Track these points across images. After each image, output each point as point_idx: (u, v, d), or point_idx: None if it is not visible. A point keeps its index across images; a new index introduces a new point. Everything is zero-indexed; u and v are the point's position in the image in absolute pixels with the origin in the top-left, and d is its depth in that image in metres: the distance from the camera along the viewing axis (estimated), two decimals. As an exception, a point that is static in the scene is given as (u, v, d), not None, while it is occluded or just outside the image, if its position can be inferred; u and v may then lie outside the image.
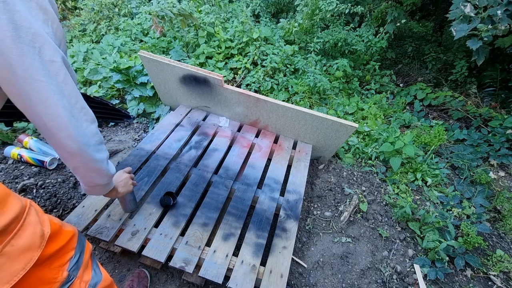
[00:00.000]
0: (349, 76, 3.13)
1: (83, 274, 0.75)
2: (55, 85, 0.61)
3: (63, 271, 0.67)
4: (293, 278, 1.50)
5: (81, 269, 0.73)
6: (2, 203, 0.54)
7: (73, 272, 0.70)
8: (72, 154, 0.70)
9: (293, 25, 2.96)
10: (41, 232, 0.61)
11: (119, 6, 3.49)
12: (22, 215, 0.58)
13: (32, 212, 0.61)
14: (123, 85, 2.23)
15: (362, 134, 2.41)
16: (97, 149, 0.75)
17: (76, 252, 0.72)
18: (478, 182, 2.11)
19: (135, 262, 1.45)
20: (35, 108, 0.61)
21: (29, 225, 0.58)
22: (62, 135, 0.65)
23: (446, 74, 3.50)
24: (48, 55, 0.59)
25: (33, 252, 0.58)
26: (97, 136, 0.74)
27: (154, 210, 1.45)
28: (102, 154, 0.77)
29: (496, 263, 1.63)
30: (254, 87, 2.68)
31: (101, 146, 0.77)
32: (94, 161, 0.75)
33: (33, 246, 0.58)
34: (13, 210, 0.56)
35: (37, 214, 0.62)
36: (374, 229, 1.75)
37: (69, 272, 0.69)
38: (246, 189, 1.65)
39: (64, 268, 0.68)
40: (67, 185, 1.68)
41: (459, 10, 1.97)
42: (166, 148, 1.80)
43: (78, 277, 0.72)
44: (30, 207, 0.61)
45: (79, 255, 0.73)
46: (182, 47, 2.85)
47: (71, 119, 0.65)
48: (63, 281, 0.67)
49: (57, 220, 0.72)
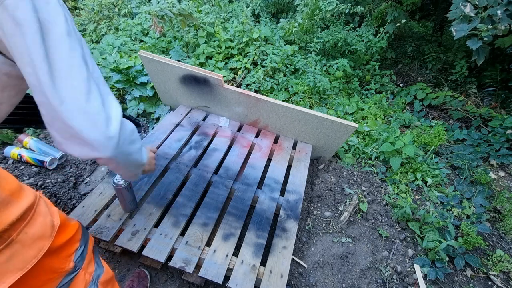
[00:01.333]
0: (349, 76, 3.13)
1: (88, 265, 0.76)
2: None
3: (69, 261, 0.69)
4: (293, 278, 1.50)
5: (85, 260, 0.75)
6: (18, 193, 0.56)
7: (78, 263, 0.72)
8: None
9: (293, 25, 2.96)
10: (51, 222, 0.63)
11: (119, 6, 3.49)
12: (34, 204, 0.60)
13: (42, 202, 0.63)
14: (123, 85, 2.23)
15: (362, 134, 2.41)
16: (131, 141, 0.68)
17: (81, 244, 0.74)
18: (478, 182, 2.11)
19: (135, 262, 1.45)
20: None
21: (40, 215, 0.60)
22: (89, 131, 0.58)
23: (446, 74, 3.50)
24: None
25: (44, 241, 0.60)
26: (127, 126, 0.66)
27: (154, 210, 1.45)
28: (136, 144, 0.72)
29: (496, 263, 1.63)
30: (254, 87, 2.68)
31: (134, 137, 0.70)
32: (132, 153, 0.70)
33: (45, 235, 0.60)
34: (28, 200, 0.58)
35: (46, 205, 0.64)
36: (374, 229, 1.75)
37: (75, 262, 0.70)
38: (246, 189, 1.65)
39: (70, 258, 0.70)
40: (67, 185, 1.68)
41: (459, 10, 1.97)
42: (166, 148, 1.80)
43: (83, 268, 0.74)
44: (40, 198, 0.63)
45: (83, 247, 0.75)
46: (182, 47, 2.85)
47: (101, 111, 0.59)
48: (70, 270, 0.69)
49: (63, 213, 0.73)
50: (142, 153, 0.78)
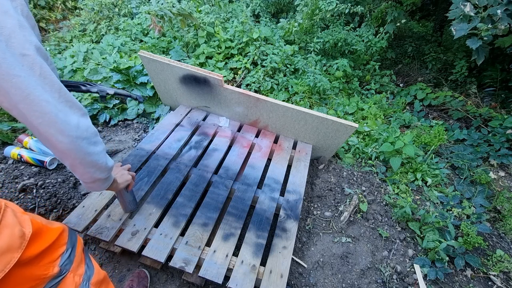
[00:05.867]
0: (349, 76, 3.13)
1: (77, 268, 0.76)
2: (33, 79, 0.57)
3: (54, 266, 0.68)
4: (293, 278, 1.50)
5: (74, 263, 0.75)
6: None
7: (65, 266, 0.71)
8: (66, 150, 0.67)
9: (293, 25, 2.96)
10: (20, 232, 0.60)
11: (119, 6, 3.49)
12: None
13: (8, 213, 0.59)
14: (123, 85, 2.23)
15: (362, 134, 2.40)
16: (92, 142, 0.72)
17: (67, 247, 0.73)
18: (478, 182, 2.11)
19: (135, 262, 1.45)
20: (19, 106, 0.58)
21: (6, 227, 0.57)
22: (51, 132, 0.63)
23: (446, 74, 3.50)
24: (18, 47, 0.55)
25: (12, 253, 0.57)
26: (90, 128, 0.71)
27: (154, 210, 1.45)
28: (98, 147, 0.74)
29: (496, 263, 1.63)
30: (254, 87, 2.68)
31: (96, 138, 0.74)
32: (90, 154, 0.72)
33: (12, 247, 0.57)
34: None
35: (15, 215, 0.61)
36: (374, 229, 1.75)
37: (60, 267, 0.70)
38: (246, 189, 1.65)
39: (55, 263, 0.69)
40: (67, 185, 1.68)
41: (459, 9, 1.97)
42: (166, 148, 1.80)
43: (71, 271, 0.74)
44: (6, 209, 0.60)
45: (71, 250, 0.74)
46: (182, 47, 2.85)
47: (58, 113, 0.62)
48: (54, 275, 0.68)
49: (41, 218, 0.71)
50: (105, 157, 0.80)
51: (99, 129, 2.17)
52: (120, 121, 2.25)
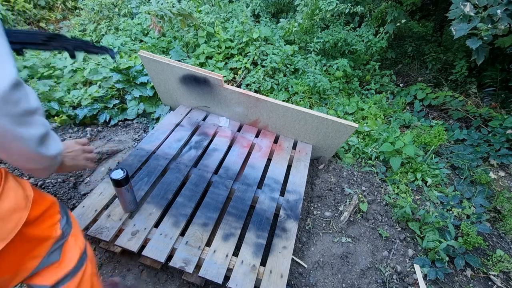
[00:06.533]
0: (349, 76, 3.13)
1: (77, 232, 0.83)
2: None
3: (56, 229, 0.74)
4: (293, 278, 1.50)
5: (73, 228, 0.81)
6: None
7: (66, 230, 0.78)
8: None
9: (293, 25, 2.96)
10: (24, 194, 0.65)
11: (119, 6, 3.50)
12: (1, 181, 0.61)
13: (10, 178, 0.63)
14: (123, 85, 2.23)
15: (362, 134, 2.40)
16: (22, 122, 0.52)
17: (62, 215, 0.79)
18: (478, 182, 2.11)
19: (135, 262, 1.45)
20: None
21: (10, 190, 0.62)
22: None
23: (446, 74, 3.50)
24: None
25: (21, 212, 0.63)
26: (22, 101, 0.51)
27: (154, 210, 1.45)
28: (31, 129, 0.55)
29: (496, 263, 1.63)
30: (254, 87, 2.68)
31: (29, 118, 0.54)
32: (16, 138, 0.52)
33: (20, 206, 0.62)
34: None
35: (15, 180, 0.66)
36: (374, 229, 1.75)
37: (62, 230, 0.76)
38: (246, 189, 1.65)
39: (56, 227, 0.75)
40: (67, 185, 1.68)
41: (459, 9, 1.97)
42: (166, 148, 1.80)
43: (72, 234, 0.80)
44: (7, 174, 0.63)
45: (66, 217, 0.80)
46: (182, 47, 2.85)
47: None
48: (58, 237, 0.74)
49: (35, 188, 0.76)
50: (41, 145, 0.60)
51: (99, 129, 2.16)
52: (120, 121, 2.25)
